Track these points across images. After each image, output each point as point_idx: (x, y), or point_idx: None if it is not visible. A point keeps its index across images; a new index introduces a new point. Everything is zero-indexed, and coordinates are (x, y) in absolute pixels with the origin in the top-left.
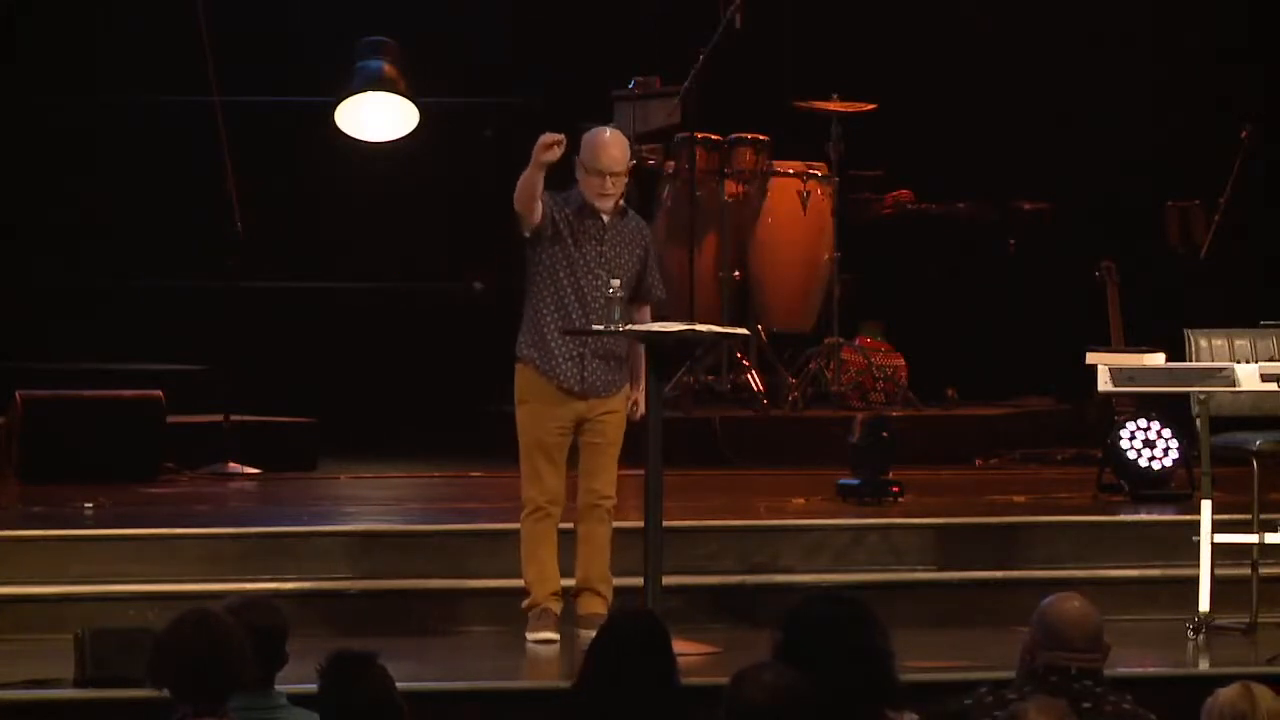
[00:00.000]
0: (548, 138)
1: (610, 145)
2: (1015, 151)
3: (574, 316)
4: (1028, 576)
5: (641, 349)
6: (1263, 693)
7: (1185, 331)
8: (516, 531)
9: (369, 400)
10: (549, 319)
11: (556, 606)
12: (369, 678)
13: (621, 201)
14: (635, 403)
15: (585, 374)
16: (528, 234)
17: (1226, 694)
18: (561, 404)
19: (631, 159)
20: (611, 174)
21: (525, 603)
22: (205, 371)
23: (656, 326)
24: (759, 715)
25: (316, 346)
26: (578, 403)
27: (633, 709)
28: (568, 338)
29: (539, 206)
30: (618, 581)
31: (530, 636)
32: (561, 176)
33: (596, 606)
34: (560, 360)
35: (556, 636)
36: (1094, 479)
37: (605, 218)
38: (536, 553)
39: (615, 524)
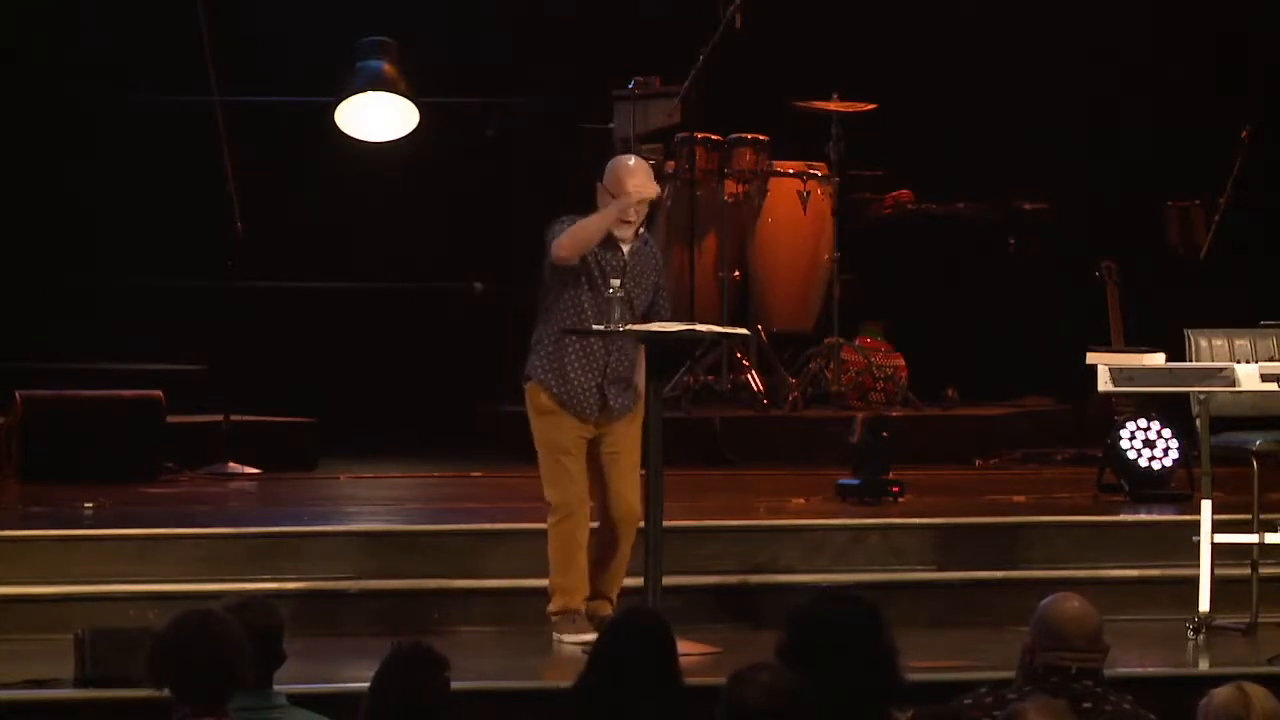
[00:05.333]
0: (643, 192)
1: (636, 173)
2: (1015, 151)
3: (597, 352)
4: (1028, 576)
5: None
6: (1257, 692)
7: (1185, 331)
8: (517, 531)
9: (369, 400)
10: (572, 354)
11: (585, 607)
12: (436, 681)
13: (642, 229)
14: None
15: (607, 403)
16: (559, 264)
17: (1221, 695)
18: (577, 419)
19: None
20: (637, 203)
21: (553, 607)
22: (205, 371)
23: (656, 326)
24: (756, 716)
25: (316, 346)
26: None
27: (636, 708)
28: (588, 371)
29: None
30: None
31: (570, 639)
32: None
33: (604, 610)
34: (580, 393)
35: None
36: (1094, 479)
37: (625, 248)
38: (575, 558)
39: None
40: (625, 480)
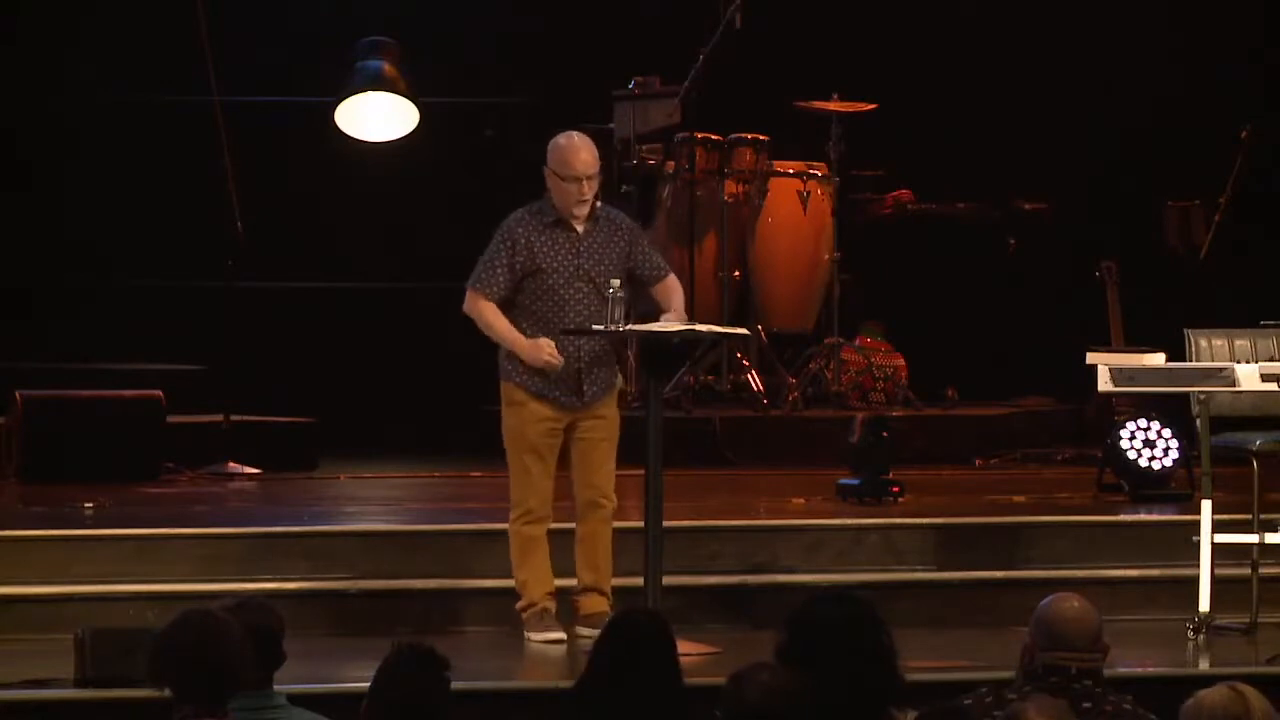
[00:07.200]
0: (551, 359)
1: (580, 149)
2: (1015, 151)
3: (565, 340)
4: (1028, 576)
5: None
6: (1250, 692)
7: (1185, 331)
8: None
9: (369, 400)
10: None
11: (553, 605)
12: (437, 681)
13: (597, 203)
14: None
15: (584, 388)
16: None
17: (1215, 697)
18: (554, 409)
19: (603, 159)
20: (587, 178)
21: (520, 604)
22: (205, 371)
23: (656, 327)
24: (756, 715)
25: (316, 346)
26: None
27: (636, 708)
28: (565, 360)
29: None
30: (617, 581)
31: (537, 637)
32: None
33: (600, 606)
34: (557, 384)
35: (564, 635)
36: (1094, 479)
37: (580, 228)
38: (531, 556)
39: (615, 524)
40: (595, 467)
